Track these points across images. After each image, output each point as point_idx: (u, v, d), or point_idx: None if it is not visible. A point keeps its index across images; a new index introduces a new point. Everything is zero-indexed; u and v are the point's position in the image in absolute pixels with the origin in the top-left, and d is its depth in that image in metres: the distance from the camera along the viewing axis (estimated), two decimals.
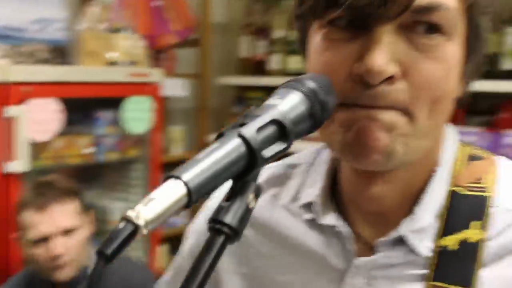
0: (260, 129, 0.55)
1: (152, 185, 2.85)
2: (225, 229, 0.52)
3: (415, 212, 0.73)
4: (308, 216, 0.79)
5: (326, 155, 0.82)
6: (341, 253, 0.76)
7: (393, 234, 0.72)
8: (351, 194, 0.77)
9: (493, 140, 2.43)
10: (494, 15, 0.71)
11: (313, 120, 0.61)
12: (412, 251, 0.72)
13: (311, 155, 0.85)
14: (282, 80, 0.63)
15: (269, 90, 3.18)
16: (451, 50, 0.66)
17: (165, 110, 3.04)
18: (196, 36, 3.20)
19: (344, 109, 0.66)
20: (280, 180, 0.85)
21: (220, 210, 0.53)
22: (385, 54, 0.63)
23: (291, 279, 0.80)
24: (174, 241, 3.05)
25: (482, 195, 0.73)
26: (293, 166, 0.86)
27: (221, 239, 0.52)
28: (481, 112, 2.64)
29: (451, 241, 0.71)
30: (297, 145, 0.59)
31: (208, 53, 3.26)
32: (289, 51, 3.11)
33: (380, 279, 0.73)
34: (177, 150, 3.22)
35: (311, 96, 0.60)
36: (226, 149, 0.53)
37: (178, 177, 0.49)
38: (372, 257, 0.73)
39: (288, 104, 0.59)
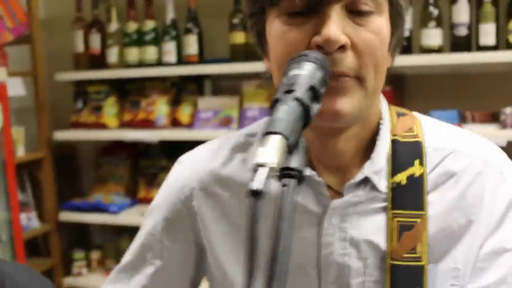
0: (305, 93, 0.70)
1: (10, 187, 2.76)
2: (295, 173, 0.63)
3: (373, 157, 0.91)
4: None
5: None
6: (316, 199, 0.92)
7: (359, 176, 0.90)
8: (316, 153, 0.93)
9: None
10: None
11: (326, 84, 0.76)
12: (373, 188, 0.91)
13: (262, 126, 1.00)
14: (122, 72, 0.70)
15: (110, 83, 3.22)
16: (382, 24, 0.84)
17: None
18: (28, 32, 3.10)
19: None
20: (244, 148, 1.00)
21: (284, 162, 0.64)
22: (337, 27, 0.80)
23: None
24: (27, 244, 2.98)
25: (416, 140, 0.94)
26: (250, 135, 1.01)
27: (293, 181, 0.63)
28: None
29: (401, 177, 0.91)
30: None
31: (39, 49, 3.17)
32: (125, 44, 3.12)
33: (351, 215, 0.91)
34: (19, 151, 3.10)
35: (322, 63, 0.76)
36: (290, 108, 0.67)
37: (274, 132, 0.64)
38: (344, 198, 0.91)
39: (308, 72, 0.73)
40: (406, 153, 0.93)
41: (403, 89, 2.83)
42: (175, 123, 3.11)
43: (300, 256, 0.92)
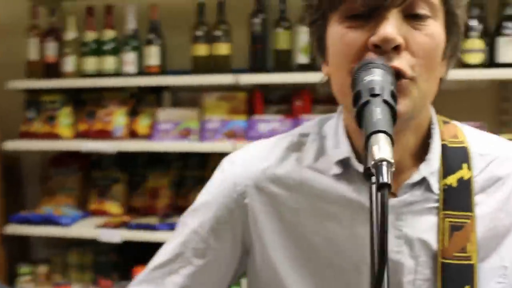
0: (389, 96, 0.79)
1: None
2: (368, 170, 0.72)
3: (428, 158, 0.96)
4: (337, 170, 0.98)
5: (332, 125, 1.02)
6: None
7: (416, 177, 0.96)
8: None
9: (292, 125, 2.70)
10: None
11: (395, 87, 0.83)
12: (427, 189, 0.96)
13: (314, 126, 1.05)
14: (79, 82, 0.73)
15: (66, 93, 3.16)
16: (437, 29, 0.90)
17: None
18: None
19: None
20: (298, 147, 1.04)
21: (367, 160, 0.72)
22: (394, 27, 0.86)
23: (329, 226, 0.98)
24: None
25: (462, 146, 1.00)
26: (303, 135, 1.05)
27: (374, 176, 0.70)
28: (277, 102, 2.92)
29: (452, 180, 0.97)
30: None
31: None
32: (83, 53, 3.08)
33: (406, 214, 0.95)
34: None
35: (388, 69, 0.83)
36: (384, 109, 0.76)
37: (379, 131, 0.73)
38: (402, 197, 0.95)
39: (381, 77, 0.81)
40: (455, 157, 0.99)
41: None
42: (133, 134, 3.09)
43: (354, 253, 0.96)
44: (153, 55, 2.97)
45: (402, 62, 0.87)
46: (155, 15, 2.98)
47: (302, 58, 2.71)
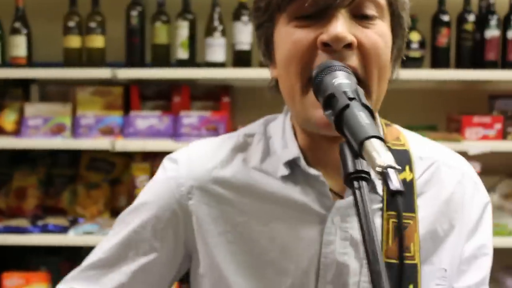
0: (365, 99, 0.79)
1: None
2: (365, 175, 0.72)
3: None
4: (285, 171, 0.96)
5: (279, 125, 1.01)
6: (317, 199, 0.95)
7: None
8: (319, 155, 0.98)
9: (171, 121, 2.65)
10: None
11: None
12: (373, 191, 0.96)
13: (260, 126, 1.03)
14: None
15: None
16: (385, 28, 0.91)
17: None
18: None
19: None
20: (243, 148, 1.02)
21: (353, 165, 0.72)
22: (344, 26, 0.86)
23: (275, 227, 0.96)
24: None
25: (404, 149, 1.02)
26: (249, 135, 1.02)
27: (364, 183, 0.72)
28: (153, 97, 2.84)
29: None
30: None
31: None
32: None
33: (351, 216, 0.95)
34: None
35: (349, 70, 0.83)
36: (367, 114, 0.75)
37: (373, 136, 0.71)
38: (348, 199, 0.95)
39: (348, 79, 0.81)
40: (398, 159, 0.98)
41: (240, 101, 2.94)
42: None
43: (300, 255, 0.96)
44: (19, 46, 2.77)
45: (354, 61, 0.88)
46: (20, 1, 2.78)
47: (181, 53, 2.66)
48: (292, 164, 0.97)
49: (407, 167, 1.00)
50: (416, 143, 1.05)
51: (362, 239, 0.69)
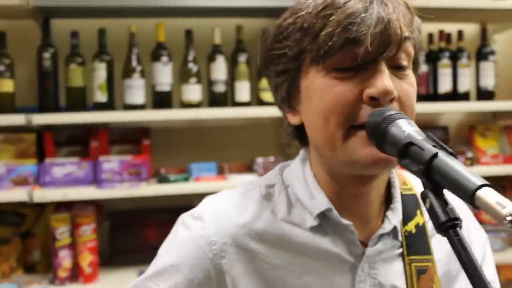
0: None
1: None
2: (459, 222, 0.71)
3: (394, 207, 0.99)
4: (314, 222, 0.96)
5: (297, 173, 1.00)
6: (347, 248, 0.96)
7: (388, 226, 0.97)
8: (344, 202, 0.98)
9: (90, 167, 2.52)
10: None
11: None
12: (395, 237, 0.98)
13: (275, 176, 1.04)
14: None
15: None
16: (413, 77, 0.94)
17: None
18: None
19: (360, 130, 0.88)
20: (268, 199, 1.01)
21: (444, 213, 0.72)
22: (390, 80, 0.87)
23: (309, 280, 0.95)
24: None
25: (412, 193, 1.03)
26: (270, 186, 1.02)
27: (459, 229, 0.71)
28: (68, 143, 2.70)
29: (411, 226, 1.01)
30: None
31: None
32: None
33: (378, 262, 0.98)
34: None
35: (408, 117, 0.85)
36: (458, 162, 0.73)
37: (485, 185, 0.68)
38: (377, 246, 0.98)
39: (416, 127, 0.82)
40: (410, 204, 1.02)
41: (160, 143, 2.85)
42: None
43: None
44: None
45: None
46: None
47: (99, 96, 2.54)
48: (321, 214, 0.97)
49: (418, 211, 1.03)
50: (420, 185, 1.06)
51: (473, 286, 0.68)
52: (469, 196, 0.68)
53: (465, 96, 2.91)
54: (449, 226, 0.71)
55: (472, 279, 0.68)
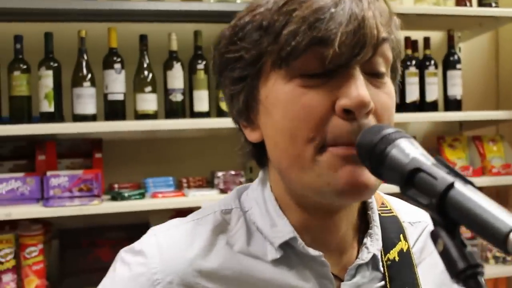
0: None
1: None
2: (481, 269, 0.57)
3: (373, 233, 0.86)
4: (277, 254, 0.83)
5: (256, 197, 0.86)
6: (318, 282, 0.83)
7: (366, 255, 0.85)
8: (314, 233, 0.84)
9: (37, 183, 2.33)
10: None
11: None
12: (374, 267, 0.86)
13: (232, 201, 0.89)
14: None
15: None
16: (392, 86, 0.83)
17: None
18: None
19: (332, 147, 0.75)
20: (223, 228, 0.86)
21: (462, 258, 0.57)
22: (365, 88, 0.74)
23: None
24: None
25: (393, 215, 0.90)
26: (226, 212, 0.88)
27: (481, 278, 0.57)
28: (9, 157, 2.51)
29: (394, 254, 0.87)
30: None
31: None
32: None
33: None
34: None
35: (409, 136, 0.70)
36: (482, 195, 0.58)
37: None
38: (354, 280, 0.84)
39: (420, 148, 0.68)
40: (391, 228, 0.90)
41: (113, 156, 2.68)
42: None
43: None
44: None
45: (371, 124, 0.76)
46: None
47: (45, 106, 2.35)
48: (284, 244, 0.82)
49: (401, 236, 0.89)
50: (401, 207, 0.95)
51: None
52: (500, 240, 0.54)
53: (433, 106, 2.83)
54: (469, 275, 0.56)
55: None
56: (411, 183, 0.63)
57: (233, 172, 2.60)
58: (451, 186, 0.58)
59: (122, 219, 2.55)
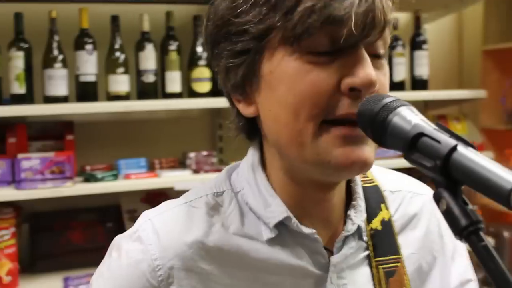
0: None
1: None
2: (482, 225, 0.60)
3: (357, 204, 0.88)
4: (271, 234, 0.84)
5: (247, 178, 0.87)
6: (311, 258, 0.86)
7: (351, 227, 0.87)
8: (306, 207, 0.86)
9: (8, 166, 2.31)
10: None
11: None
12: (359, 237, 0.89)
13: (223, 182, 0.90)
14: None
15: None
16: (387, 67, 0.83)
17: None
18: None
19: (334, 127, 0.77)
20: (217, 210, 0.87)
21: (464, 216, 0.60)
22: (373, 69, 0.76)
23: None
24: None
25: (374, 185, 0.93)
26: (217, 194, 0.88)
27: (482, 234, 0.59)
28: None
29: (376, 224, 0.90)
30: None
31: None
32: None
33: (345, 270, 0.87)
34: None
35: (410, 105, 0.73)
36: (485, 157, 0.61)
37: None
38: (342, 251, 0.87)
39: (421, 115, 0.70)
40: (373, 198, 0.92)
41: (85, 138, 2.65)
42: None
43: None
44: None
45: None
46: None
47: (16, 88, 2.32)
48: (279, 224, 0.84)
49: (383, 205, 0.92)
50: (381, 176, 0.97)
51: None
52: (504, 197, 0.56)
53: (400, 86, 2.88)
54: (471, 231, 0.59)
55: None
56: (414, 148, 0.66)
57: (205, 153, 2.61)
58: (454, 148, 0.61)
59: (95, 201, 2.54)
